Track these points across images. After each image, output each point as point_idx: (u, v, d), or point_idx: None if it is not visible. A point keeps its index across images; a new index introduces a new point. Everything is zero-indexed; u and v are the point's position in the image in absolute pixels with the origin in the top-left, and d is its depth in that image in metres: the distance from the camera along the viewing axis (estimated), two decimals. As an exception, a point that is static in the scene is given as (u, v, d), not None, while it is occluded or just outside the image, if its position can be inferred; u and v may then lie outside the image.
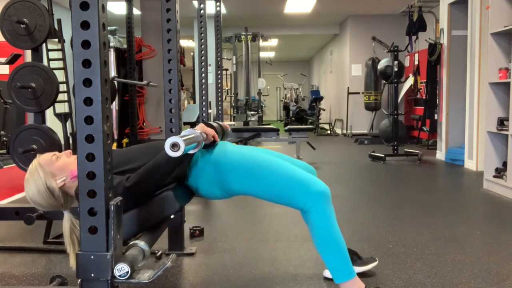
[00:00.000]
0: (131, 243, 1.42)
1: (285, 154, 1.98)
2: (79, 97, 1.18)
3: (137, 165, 1.74)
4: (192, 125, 6.80)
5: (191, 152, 1.63)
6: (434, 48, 6.05)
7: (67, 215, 1.67)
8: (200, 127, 1.74)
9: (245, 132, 5.95)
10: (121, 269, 1.24)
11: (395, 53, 6.26)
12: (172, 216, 1.81)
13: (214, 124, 1.92)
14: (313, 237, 1.73)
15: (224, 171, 1.75)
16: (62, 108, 5.24)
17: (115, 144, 5.42)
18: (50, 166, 1.69)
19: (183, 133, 1.63)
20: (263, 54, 12.70)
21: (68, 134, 4.57)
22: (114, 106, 5.50)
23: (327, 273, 2.02)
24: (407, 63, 8.55)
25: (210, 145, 1.78)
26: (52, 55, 4.72)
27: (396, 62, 6.23)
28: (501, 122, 3.83)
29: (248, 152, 1.83)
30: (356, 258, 2.03)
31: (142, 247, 1.40)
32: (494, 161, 3.98)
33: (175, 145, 1.48)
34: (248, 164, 1.76)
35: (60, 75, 4.20)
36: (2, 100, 5.24)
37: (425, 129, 7.23)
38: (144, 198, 1.68)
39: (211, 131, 1.74)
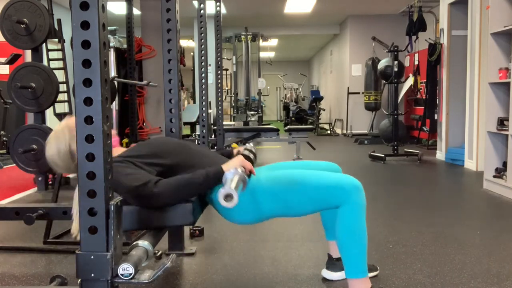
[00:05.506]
0: (134, 243, 1.42)
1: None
2: (79, 97, 1.18)
3: (168, 162, 1.71)
4: (192, 125, 6.79)
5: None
6: (434, 48, 6.05)
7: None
8: (240, 161, 1.68)
9: (245, 132, 5.95)
10: (126, 269, 1.24)
11: (395, 53, 6.26)
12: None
13: (251, 156, 1.82)
14: (338, 229, 1.70)
15: (261, 200, 1.69)
16: (62, 108, 5.24)
17: (115, 144, 5.41)
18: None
19: (228, 175, 1.57)
20: (263, 54, 12.70)
21: (68, 134, 4.56)
22: (114, 106, 5.49)
23: (326, 273, 2.02)
24: (407, 63, 8.55)
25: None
26: (52, 55, 4.72)
27: (396, 62, 6.23)
28: (501, 122, 3.83)
29: (278, 174, 1.77)
30: None
31: (146, 247, 1.40)
32: (494, 161, 3.98)
33: (228, 196, 1.45)
34: (283, 188, 1.70)
35: (60, 75, 4.21)
36: (2, 100, 5.25)
37: (425, 129, 7.23)
38: (162, 206, 1.63)
39: (249, 166, 1.69)
